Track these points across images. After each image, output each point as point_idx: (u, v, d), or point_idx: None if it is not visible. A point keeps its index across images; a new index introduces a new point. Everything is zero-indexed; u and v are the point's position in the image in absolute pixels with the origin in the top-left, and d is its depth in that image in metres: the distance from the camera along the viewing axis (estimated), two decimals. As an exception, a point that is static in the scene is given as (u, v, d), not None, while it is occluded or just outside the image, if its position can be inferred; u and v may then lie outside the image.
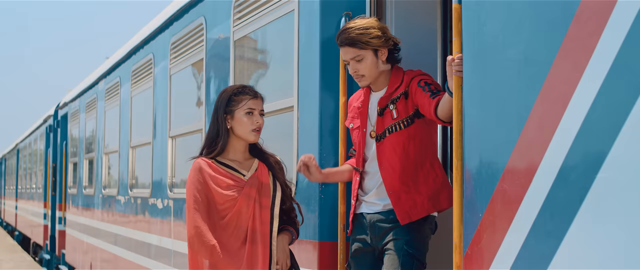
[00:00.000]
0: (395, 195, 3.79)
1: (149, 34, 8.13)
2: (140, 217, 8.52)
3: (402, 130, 3.82)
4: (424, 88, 3.73)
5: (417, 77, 3.82)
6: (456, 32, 3.25)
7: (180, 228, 6.89)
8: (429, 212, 3.79)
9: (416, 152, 3.81)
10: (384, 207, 3.86)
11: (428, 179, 3.80)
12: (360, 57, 3.85)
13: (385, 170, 3.83)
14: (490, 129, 2.95)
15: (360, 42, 3.83)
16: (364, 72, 3.87)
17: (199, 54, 6.48)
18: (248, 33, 5.43)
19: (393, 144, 3.83)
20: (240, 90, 3.90)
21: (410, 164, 3.81)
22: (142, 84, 8.46)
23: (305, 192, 4.46)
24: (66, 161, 14.34)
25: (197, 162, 3.89)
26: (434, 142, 3.89)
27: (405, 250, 3.75)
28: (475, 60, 3.05)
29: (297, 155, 4.55)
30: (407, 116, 3.82)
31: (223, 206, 3.81)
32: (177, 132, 7.14)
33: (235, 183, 3.83)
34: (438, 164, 3.85)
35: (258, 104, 3.89)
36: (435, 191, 3.80)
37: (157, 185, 7.71)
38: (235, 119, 3.85)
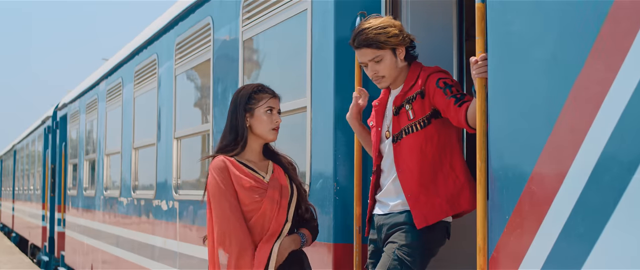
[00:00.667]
0: (413, 198, 3.71)
1: (153, 35, 8.08)
2: (143, 218, 8.46)
3: (419, 131, 3.74)
4: (445, 90, 3.64)
5: (434, 75, 3.73)
6: (479, 32, 3.20)
7: (186, 230, 6.83)
8: (447, 214, 3.71)
9: (434, 153, 3.73)
10: (392, 208, 3.79)
11: (447, 180, 3.72)
12: (379, 57, 3.78)
13: (402, 172, 3.76)
14: (517, 130, 2.91)
15: (378, 42, 3.75)
16: (384, 73, 3.80)
17: (205, 55, 6.42)
18: (258, 33, 5.38)
19: (410, 145, 3.75)
20: (260, 89, 3.86)
21: (428, 165, 3.72)
22: (146, 84, 8.40)
23: (319, 194, 4.41)
24: (65, 162, 14.26)
25: (220, 161, 3.79)
26: (453, 142, 3.78)
27: (395, 254, 3.66)
28: (501, 61, 3.01)
29: (310, 157, 4.50)
30: (424, 116, 3.73)
31: (248, 207, 3.75)
32: (183, 133, 7.09)
33: (258, 184, 3.77)
34: (459, 165, 3.74)
35: (277, 102, 3.86)
36: (454, 193, 3.71)
37: (162, 187, 7.65)
38: (255, 118, 3.81)
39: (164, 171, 7.58)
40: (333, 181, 4.27)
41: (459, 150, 3.78)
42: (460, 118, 3.54)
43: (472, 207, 3.73)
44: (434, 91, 3.67)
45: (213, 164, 3.80)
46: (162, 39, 7.72)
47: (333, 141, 4.29)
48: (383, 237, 3.79)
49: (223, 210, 3.73)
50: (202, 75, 6.59)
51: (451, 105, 3.59)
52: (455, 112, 3.57)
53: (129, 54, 9.16)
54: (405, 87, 3.79)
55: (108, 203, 10.30)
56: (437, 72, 3.74)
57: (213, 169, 3.78)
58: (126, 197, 9.19)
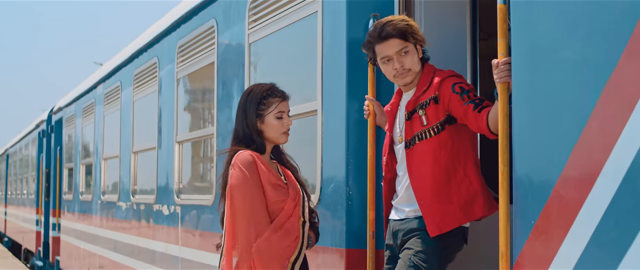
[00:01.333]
0: (426, 205, 3.64)
1: (153, 38, 8.00)
2: (143, 223, 8.38)
3: (432, 137, 3.67)
4: (462, 96, 3.57)
5: (449, 80, 3.67)
6: (501, 34, 3.15)
7: (188, 235, 6.76)
8: (461, 222, 3.64)
9: (448, 159, 3.66)
10: (407, 214, 3.74)
11: (461, 187, 3.65)
12: (406, 49, 3.72)
13: (415, 179, 3.69)
14: (543, 132, 2.84)
15: (407, 33, 3.71)
16: (411, 66, 3.74)
17: (209, 58, 6.35)
18: (264, 35, 5.31)
19: (423, 151, 3.68)
20: (270, 93, 3.75)
21: (442, 172, 3.65)
22: (146, 88, 8.32)
23: (331, 198, 4.34)
24: (61, 167, 14.16)
25: (247, 155, 3.64)
26: (467, 147, 3.72)
27: (411, 261, 3.61)
28: (526, 62, 2.94)
29: (321, 161, 4.44)
30: (438, 122, 3.66)
31: (271, 207, 3.65)
32: (185, 137, 7.01)
33: (281, 182, 3.70)
34: (473, 171, 3.69)
35: (286, 105, 3.80)
36: (468, 201, 3.64)
37: (163, 191, 7.57)
38: (266, 123, 3.74)
39: (165, 175, 7.50)
40: (345, 186, 4.21)
41: (473, 156, 3.72)
42: (480, 124, 3.48)
43: (486, 214, 3.67)
44: (450, 97, 3.61)
45: (240, 157, 3.65)
46: (163, 41, 7.65)
47: (345, 145, 4.23)
48: (399, 242, 3.73)
49: (253, 204, 3.59)
50: (206, 78, 6.52)
51: (470, 110, 3.53)
52: (474, 117, 3.51)
53: (128, 58, 9.08)
54: (417, 91, 3.73)
55: (106, 207, 10.21)
56: (451, 76, 3.68)
57: (240, 162, 3.62)
58: (125, 202, 9.10)
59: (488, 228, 3.93)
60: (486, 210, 3.66)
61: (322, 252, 4.38)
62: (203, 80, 6.64)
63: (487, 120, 3.45)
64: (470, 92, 3.61)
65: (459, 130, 3.68)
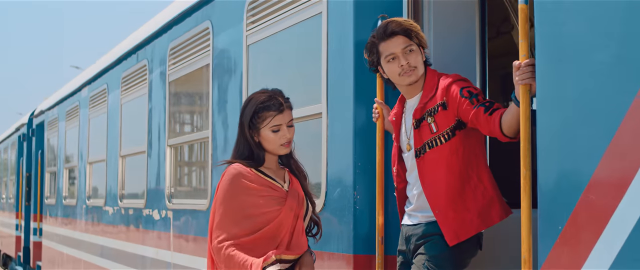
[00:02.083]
0: (441, 214, 3.56)
1: (143, 40, 7.88)
2: (131, 228, 8.25)
3: (443, 144, 3.59)
4: (471, 99, 3.50)
5: (456, 84, 3.59)
6: (523, 35, 3.08)
7: (181, 240, 6.65)
8: (479, 229, 3.57)
9: (460, 166, 3.58)
10: (421, 219, 3.66)
11: (476, 193, 3.58)
12: (411, 47, 3.66)
13: (428, 187, 3.61)
14: (571, 136, 2.77)
15: (412, 31, 3.66)
16: (416, 64, 3.66)
17: (204, 60, 6.25)
18: (264, 37, 5.22)
19: (435, 159, 3.60)
20: (265, 105, 3.58)
21: (455, 179, 3.57)
22: (135, 91, 8.20)
23: (336, 203, 4.26)
24: (42, 171, 13.97)
25: (234, 169, 3.60)
26: (478, 152, 3.65)
27: (425, 266, 3.53)
28: (552, 64, 2.87)
29: (326, 165, 4.35)
30: (448, 128, 3.58)
31: (263, 217, 3.56)
32: (177, 141, 6.90)
33: (276, 193, 3.60)
34: (486, 176, 3.62)
35: (285, 117, 3.61)
36: (484, 206, 3.57)
37: (153, 196, 7.45)
38: (261, 136, 3.61)
39: (155, 180, 7.38)
40: (353, 190, 4.13)
41: (484, 160, 3.65)
42: (492, 127, 3.41)
43: (503, 219, 3.61)
44: (459, 101, 3.53)
45: (227, 171, 3.63)
46: (154, 44, 7.53)
47: (352, 149, 4.14)
48: (412, 248, 3.65)
49: (218, 223, 3.56)
50: (200, 81, 6.42)
51: (481, 114, 3.46)
52: (486, 121, 3.44)
53: (116, 60, 8.94)
54: (423, 98, 3.65)
55: (91, 212, 10.07)
56: (458, 80, 3.60)
57: (226, 176, 3.61)
58: (112, 206, 8.97)
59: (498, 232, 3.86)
60: (503, 214, 3.59)
61: (327, 259, 4.30)
62: (197, 83, 6.53)
63: (500, 123, 3.38)
64: (479, 95, 3.54)
65: (469, 135, 3.61)
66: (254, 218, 3.54)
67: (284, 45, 5.05)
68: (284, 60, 5.12)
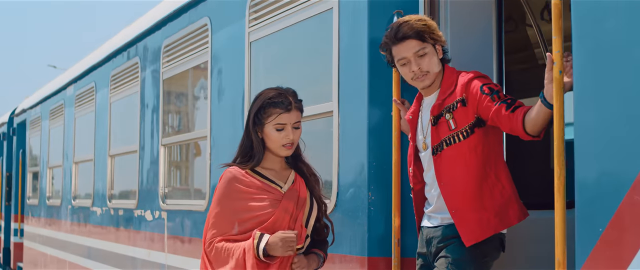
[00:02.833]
0: (458, 214, 3.47)
1: (135, 37, 7.72)
2: (122, 229, 8.09)
3: (461, 141, 3.49)
4: (492, 96, 3.40)
5: (475, 81, 3.49)
6: (556, 31, 2.99)
7: (176, 241, 6.51)
8: (497, 230, 3.47)
9: (478, 164, 3.49)
10: (442, 221, 3.56)
11: (494, 192, 3.48)
12: (424, 51, 3.54)
13: (445, 186, 3.51)
14: (614, 134, 2.67)
15: (424, 33, 3.53)
16: (429, 68, 3.56)
17: (201, 57, 6.11)
18: (268, 34, 5.10)
19: (452, 157, 3.50)
20: (272, 102, 3.48)
21: (473, 178, 3.48)
22: (125, 89, 8.04)
23: (349, 204, 4.14)
24: (24, 171, 13.75)
25: (229, 172, 3.55)
26: (497, 150, 3.56)
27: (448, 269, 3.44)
28: (591, 61, 2.78)
29: (338, 165, 4.24)
30: (467, 125, 3.48)
31: (255, 220, 3.47)
32: (172, 140, 6.76)
33: (271, 195, 3.50)
34: (504, 175, 3.52)
35: (292, 117, 3.49)
36: (502, 206, 3.48)
37: (146, 196, 7.30)
38: (265, 133, 3.51)
39: (148, 180, 7.23)
40: (367, 191, 4.02)
41: (503, 159, 3.57)
42: (515, 124, 3.31)
43: (521, 220, 3.52)
44: (479, 98, 3.43)
45: (224, 174, 3.58)
46: (147, 40, 7.38)
47: (367, 148, 4.03)
48: (433, 250, 3.55)
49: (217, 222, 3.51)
50: (197, 79, 6.29)
51: (503, 111, 3.36)
52: (508, 118, 3.34)
53: (105, 58, 8.77)
54: (441, 95, 3.55)
55: (77, 213, 9.89)
56: (478, 77, 3.51)
57: (221, 179, 3.57)
58: (100, 207, 8.80)
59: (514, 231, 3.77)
60: (521, 215, 3.50)
61: (338, 261, 4.18)
62: (194, 81, 6.40)
63: (523, 120, 3.28)
64: (500, 92, 3.45)
65: (488, 134, 3.52)
66: (246, 222, 3.47)
67: (290, 42, 4.93)
68: (290, 58, 5.01)
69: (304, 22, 4.66)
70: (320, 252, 3.61)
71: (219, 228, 3.50)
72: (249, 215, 3.47)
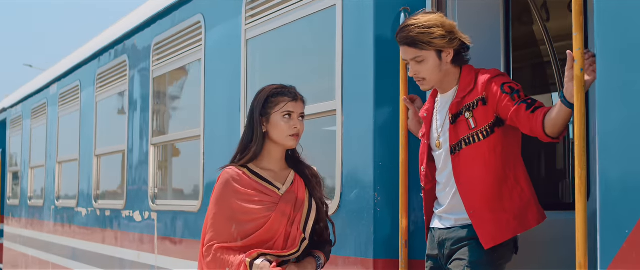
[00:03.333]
0: (476, 215, 3.39)
1: (123, 35, 7.60)
2: (108, 230, 7.96)
3: (481, 141, 3.41)
4: (512, 95, 3.33)
5: (496, 80, 3.42)
6: (577, 27, 2.92)
7: (167, 243, 6.40)
8: (516, 232, 3.40)
9: (498, 164, 3.41)
10: (455, 222, 3.48)
11: (513, 194, 3.41)
12: (421, 58, 3.47)
13: (463, 186, 3.43)
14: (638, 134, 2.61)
15: (420, 42, 3.43)
16: (425, 75, 3.49)
17: (194, 55, 6.00)
18: (265, 31, 5.00)
19: (472, 157, 3.42)
20: (279, 91, 3.47)
21: (492, 178, 3.40)
22: (112, 88, 7.92)
23: (354, 205, 4.06)
24: (3, 171, 13.56)
25: (225, 173, 3.47)
26: (516, 152, 3.49)
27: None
28: (615, 59, 2.71)
29: (341, 164, 4.15)
30: (487, 125, 3.41)
31: (252, 224, 3.39)
32: (162, 140, 6.64)
33: (268, 198, 3.42)
34: (523, 176, 3.45)
35: (298, 107, 3.47)
36: (521, 208, 3.41)
37: (134, 196, 7.18)
38: (271, 123, 3.43)
39: (137, 180, 7.11)
40: (373, 191, 3.93)
41: (521, 161, 3.49)
42: (534, 125, 3.25)
43: (539, 223, 3.45)
44: (499, 97, 3.36)
45: (221, 175, 3.50)
46: (136, 38, 7.26)
47: (373, 148, 3.95)
48: (446, 253, 3.47)
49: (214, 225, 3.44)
50: (190, 77, 6.18)
51: (523, 111, 3.29)
52: (527, 119, 3.27)
53: (90, 56, 8.63)
54: (461, 93, 3.47)
55: (61, 213, 9.74)
56: (498, 75, 3.44)
57: (219, 180, 3.49)
58: (86, 207, 8.66)
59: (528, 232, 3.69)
60: (540, 218, 3.44)
61: (342, 264, 4.10)
62: (186, 79, 6.29)
63: (543, 121, 3.22)
64: (520, 91, 3.38)
65: (508, 134, 3.44)
66: (243, 224, 3.40)
67: (289, 40, 4.84)
68: (289, 56, 4.92)
69: (305, 19, 4.58)
70: (320, 254, 3.52)
71: (217, 230, 3.43)
72: (246, 217, 3.40)
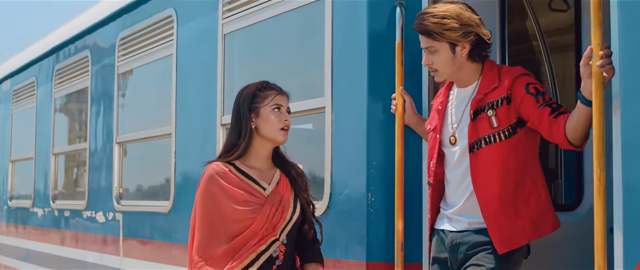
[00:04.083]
0: (492, 218, 3.25)
1: (84, 29, 7.35)
2: (67, 231, 7.70)
3: (502, 141, 3.26)
4: (537, 98, 3.20)
5: (522, 79, 3.27)
6: (596, 23, 2.81)
7: (134, 244, 6.19)
8: (531, 238, 3.27)
9: (517, 167, 3.27)
10: (469, 225, 3.34)
11: (530, 200, 3.27)
12: (433, 48, 3.34)
13: (480, 187, 3.28)
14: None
15: (433, 32, 3.31)
16: (437, 67, 3.36)
17: (165, 51, 5.80)
18: (244, 26, 4.83)
19: (491, 157, 3.26)
20: (265, 86, 3.43)
21: (511, 181, 3.26)
22: (72, 84, 7.66)
23: (344, 205, 3.91)
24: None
25: (211, 169, 3.36)
26: (534, 155, 3.36)
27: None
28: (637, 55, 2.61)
29: (331, 164, 4.00)
30: (509, 125, 3.26)
31: (238, 224, 3.28)
32: (129, 138, 6.42)
33: (254, 198, 3.31)
34: (541, 181, 3.32)
35: (285, 100, 3.42)
36: (538, 214, 3.27)
37: (97, 196, 6.94)
38: (261, 117, 3.35)
39: (100, 179, 6.87)
40: (366, 191, 3.80)
41: (539, 165, 3.36)
42: (556, 132, 3.12)
43: (555, 229, 3.33)
44: (523, 97, 3.23)
45: (206, 171, 3.38)
46: (99, 33, 7.02)
47: (366, 147, 3.81)
48: (461, 257, 3.31)
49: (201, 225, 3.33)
50: (159, 73, 5.97)
51: (546, 115, 3.17)
52: (549, 124, 3.15)
53: (48, 51, 8.35)
54: (483, 88, 3.32)
55: (14, 214, 9.44)
56: (524, 74, 3.30)
57: (204, 176, 3.38)
58: (42, 208, 8.38)
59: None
60: (555, 225, 3.32)
61: (332, 266, 3.95)
62: (156, 75, 6.08)
63: (565, 127, 3.10)
64: (546, 94, 3.24)
65: (528, 135, 3.30)
66: (228, 224, 3.29)
67: (272, 35, 4.68)
68: (272, 52, 4.76)
69: (290, 13, 4.42)
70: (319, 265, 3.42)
71: (204, 232, 3.31)
72: (231, 217, 3.29)
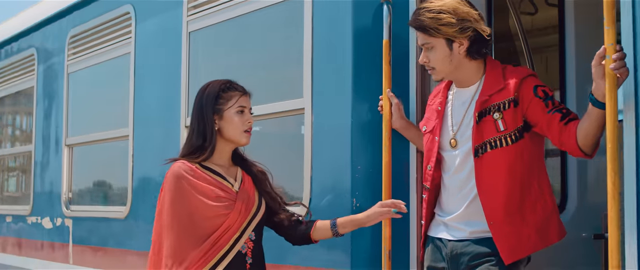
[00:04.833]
0: (497, 227, 3.11)
1: (29, 27, 7.05)
2: (9, 238, 7.38)
3: (509, 146, 3.13)
4: (546, 102, 3.08)
5: (529, 81, 3.14)
6: (609, 21, 2.71)
7: (85, 251, 5.92)
8: (536, 248, 3.14)
9: (523, 173, 3.14)
10: (470, 234, 3.19)
11: (536, 206, 3.15)
12: (430, 45, 3.20)
13: (485, 194, 3.14)
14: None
15: (428, 28, 3.17)
16: (434, 65, 3.22)
17: (121, 49, 5.56)
18: (213, 23, 4.63)
19: (497, 162, 3.13)
20: (228, 86, 3.32)
21: (517, 187, 3.13)
22: (15, 84, 7.36)
23: (326, 210, 3.73)
24: None
25: (177, 167, 3.24)
26: (540, 159, 3.23)
27: None
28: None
29: (311, 167, 3.83)
30: (516, 129, 3.13)
31: (210, 222, 3.19)
32: (80, 140, 6.15)
33: (226, 194, 3.23)
34: (547, 187, 3.20)
35: (248, 101, 3.35)
36: (543, 222, 3.15)
37: (43, 201, 6.65)
38: (224, 119, 3.27)
39: (47, 183, 6.58)
40: (351, 197, 3.64)
41: (545, 169, 3.23)
42: (567, 139, 3.01)
43: (560, 238, 3.22)
44: (531, 100, 3.11)
45: (171, 170, 3.27)
46: (46, 30, 6.73)
47: (350, 150, 3.65)
48: (462, 267, 3.18)
49: (172, 226, 3.20)
50: (116, 73, 5.72)
51: (556, 121, 3.05)
52: (560, 131, 3.03)
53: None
54: (487, 90, 3.18)
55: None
56: (531, 76, 3.17)
57: (169, 175, 3.26)
58: (-19, 213, 8.01)
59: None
60: (561, 234, 3.20)
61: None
62: (111, 75, 5.82)
63: (577, 134, 2.99)
64: (554, 98, 3.12)
65: (534, 140, 3.18)
66: (201, 221, 3.19)
67: (243, 33, 4.49)
68: (243, 51, 4.56)
69: (265, 10, 4.24)
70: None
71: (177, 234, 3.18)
72: (203, 215, 3.19)
